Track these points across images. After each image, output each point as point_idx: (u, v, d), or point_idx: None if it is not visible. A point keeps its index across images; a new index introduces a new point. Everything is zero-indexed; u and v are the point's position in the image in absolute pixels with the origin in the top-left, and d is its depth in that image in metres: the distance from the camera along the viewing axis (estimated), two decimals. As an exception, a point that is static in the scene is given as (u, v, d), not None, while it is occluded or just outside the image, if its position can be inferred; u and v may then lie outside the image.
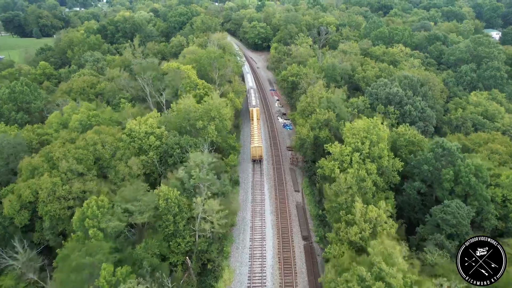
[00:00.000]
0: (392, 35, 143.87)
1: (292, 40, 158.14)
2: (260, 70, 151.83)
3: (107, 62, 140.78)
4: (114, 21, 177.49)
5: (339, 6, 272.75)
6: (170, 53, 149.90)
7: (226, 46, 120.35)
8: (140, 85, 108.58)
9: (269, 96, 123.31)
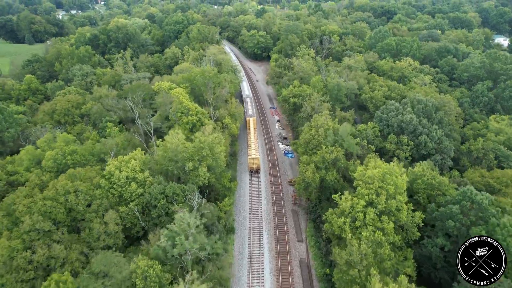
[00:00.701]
0: (399, 48, 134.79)
1: (293, 51, 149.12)
2: (259, 84, 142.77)
3: (97, 76, 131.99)
4: (106, 30, 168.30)
5: (341, 11, 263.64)
6: (164, 66, 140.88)
7: (223, 62, 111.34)
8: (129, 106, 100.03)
9: (269, 115, 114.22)
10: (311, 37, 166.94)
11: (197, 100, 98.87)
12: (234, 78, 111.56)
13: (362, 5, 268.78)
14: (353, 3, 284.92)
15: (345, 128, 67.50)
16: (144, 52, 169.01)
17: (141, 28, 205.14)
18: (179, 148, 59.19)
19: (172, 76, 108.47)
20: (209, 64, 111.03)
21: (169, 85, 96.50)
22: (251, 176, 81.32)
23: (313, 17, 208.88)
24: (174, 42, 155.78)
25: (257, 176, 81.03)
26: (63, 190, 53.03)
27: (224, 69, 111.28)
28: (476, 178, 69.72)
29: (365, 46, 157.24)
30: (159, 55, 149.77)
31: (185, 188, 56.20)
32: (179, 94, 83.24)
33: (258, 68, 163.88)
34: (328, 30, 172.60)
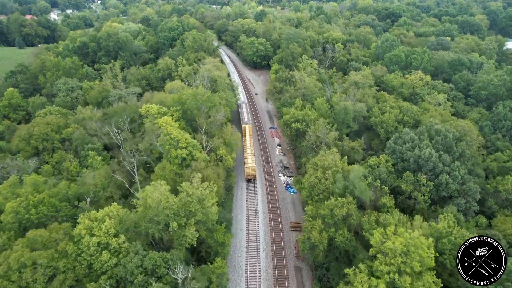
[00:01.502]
0: (409, 60, 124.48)
1: (294, 62, 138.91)
2: (258, 98, 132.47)
3: (84, 91, 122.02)
4: (96, 37, 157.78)
5: (344, 13, 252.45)
6: (156, 79, 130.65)
7: (219, 79, 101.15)
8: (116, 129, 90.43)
9: (268, 137, 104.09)
10: (314, 45, 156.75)
11: (189, 124, 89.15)
12: (231, 96, 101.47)
13: (365, 7, 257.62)
14: (356, 5, 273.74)
15: (357, 172, 57.70)
16: (137, 61, 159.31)
17: (135, 33, 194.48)
18: (162, 204, 49.34)
19: (162, 94, 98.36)
20: (203, 81, 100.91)
21: (158, 109, 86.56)
22: (248, 219, 71.40)
23: (315, 21, 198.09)
24: (168, 52, 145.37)
25: (255, 218, 71.10)
26: (17, 264, 43.35)
27: (220, 87, 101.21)
28: (509, 228, 60.12)
29: (371, 55, 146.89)
30: (151, 66, 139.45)
31: (168, 257, 46.47)
32: (167, 124, 73.18)
33: (257, 79, 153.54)
34: (332, 37, 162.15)
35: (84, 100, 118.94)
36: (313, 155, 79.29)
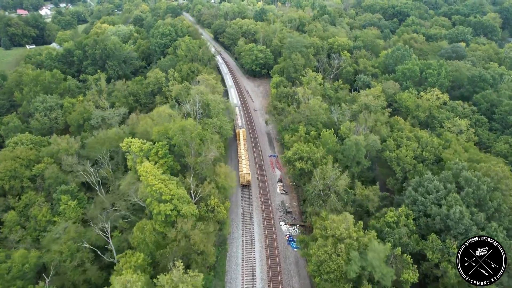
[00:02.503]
0: (424, 75, 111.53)
1: (297, 74, 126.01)
2: (257, 116, 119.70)
3: (64, 109, 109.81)
4: (82, 44, 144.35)
5: (348, 12, 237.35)
6: (145, 94, 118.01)
7: (212, 103, 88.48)
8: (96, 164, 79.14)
9: (268, 167, 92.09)
10: (318, 52, 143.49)
11: (177, 159, 77.18)
12: (226, 124, 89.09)
13: (371, 5, 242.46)
14: (361, 2, 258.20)
15: (378, 253, 46.01)
16: (127, 69, 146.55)
17: (126, 36, 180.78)
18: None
19: (148, 120, 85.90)
20: (194, 107, 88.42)
21: (140, 145, 74.41)
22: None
23: (319, 23, 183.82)
24: (159, 62, 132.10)
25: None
26: None
27: (214, 112, 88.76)
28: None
29: (380, 65, 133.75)
30: (140, 79, 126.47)
31: None
32: (148, 174, 61.21)
33: (257, 90, 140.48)
34: (337, 44, 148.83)
35: (64, 121, 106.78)
36: (320, 204, 67.59)
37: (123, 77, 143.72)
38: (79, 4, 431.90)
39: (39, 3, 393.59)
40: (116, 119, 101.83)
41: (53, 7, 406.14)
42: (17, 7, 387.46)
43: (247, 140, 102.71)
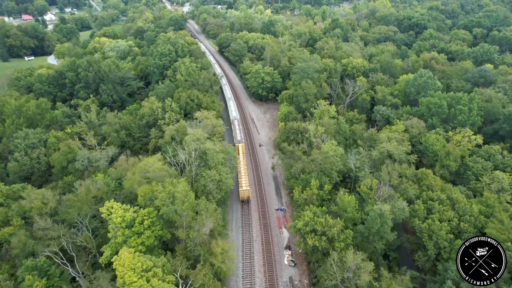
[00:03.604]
0: (454, 112, 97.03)
1: (308, 104, 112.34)
2: (262, 152, 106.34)
3: (48, 146, 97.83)
4: (75, 64, 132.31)
5: (361, 23, 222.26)
6: (139, 127, 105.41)
7: (209, 153, 75.28)
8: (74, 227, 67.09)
9: (274, 227, 78.72)
10: (330, 75, 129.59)
11: (168, 225, 64.34)
12: (226, 176, 75.83)
13: (385, 16, 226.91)
14: (374, 12, 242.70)
15: None
16: (123, 92, 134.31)
17: (125, 52, 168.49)
18: None
19: (136, 173, 73.09)
20: (189, 158, 75.41)
21: (122, 214, 61.73)
22: None
23: (330, 39, 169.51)
24: (156, 88, 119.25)
25: None
26: None
27: (212, 162, 75.67)
28: None
29: (400, 94, 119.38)
30: (135, 107, 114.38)
31: None
32: (125, 269, 48.48)
33: (262, 117, 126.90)
34: (351, 65, 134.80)
35: (47, 161, 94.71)
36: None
37: (119, 101, 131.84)
38: (84, 8, 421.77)
39: (44, 9, 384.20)
40: (104, 162, 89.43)
41: (58, 12, 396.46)
42: (22, 12, 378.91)
43: (250, 186, 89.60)
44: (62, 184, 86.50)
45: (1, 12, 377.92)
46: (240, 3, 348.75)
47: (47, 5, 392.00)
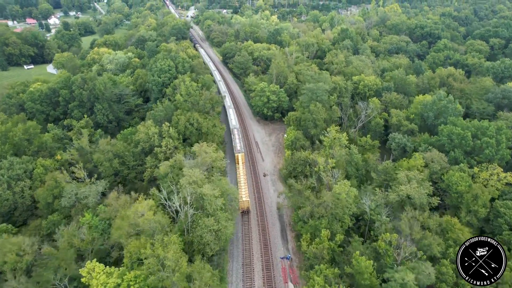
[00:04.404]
0: (479, 144, 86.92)
1: (317, 130, 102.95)
2: (267, 183, 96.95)
3: (34, 178, 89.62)
4: (69, 81, 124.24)
5: (371, 32, 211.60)
6: (133, 156, 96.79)
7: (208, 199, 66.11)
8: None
9: (279, 279, 69.55)
10: (341, 94, 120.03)
11: None
12: (225, 222, 66.81)
13: (396, 24, 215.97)
14: (385, 20, 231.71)
15: None
16: (120, 110, 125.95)
17: (124, 64, 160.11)
18: None
19: (124, 224, 64.34)
20: (184, 203, 66.53)
21: (105, 281, 53.00)
22: None
23: (340, 51, 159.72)
24: (153, 110, 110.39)
25: None
26: None
27: (210, 208, 66.75)
28: None
29: (416, 117, 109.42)
30: (131, 132, 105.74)
31: None
32: None
33: (267, 140, 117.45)
34: (363, 83, 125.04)
35: (31, 195, 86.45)
36: None
37: (114, 120, 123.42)
38: (89, 12, 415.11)
39: (49, 12, 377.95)
40: (93, 199, 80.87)
41: (62, 16, 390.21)
42: (26, 16, 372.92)
43: (253, 226, 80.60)
44: (46, 225, 78.32)
45: (5, 16, 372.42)
46: (246, 7, 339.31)
47: (51, 8, 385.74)
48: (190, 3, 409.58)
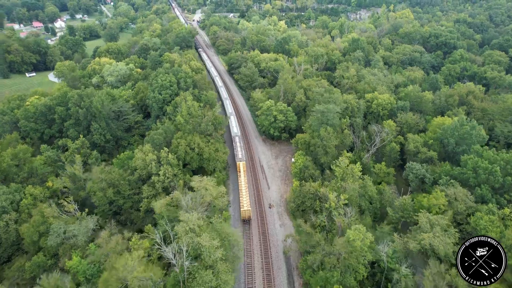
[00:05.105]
0: (509, 181, 77.62)
1: (327, 157, 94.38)
2: (273, 216, 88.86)
3: (22, 207, 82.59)
4: (65, 98, 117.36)
5: (382, 41, 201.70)
6: (129, 185, 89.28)
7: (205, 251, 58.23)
8: None
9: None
10: (353, 114, 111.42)
11: None
12: (226, 275, 58.92)
13: (409, 33, 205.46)
14: (397, 28, 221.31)
15: None
16: (118, 128, 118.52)
17: (125, 76, 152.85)
18: None
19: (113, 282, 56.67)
20: (180, 254, 58.70)
21: None
22: None
23: (351, 64, 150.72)
24: (152, 132, 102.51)
25: None
26: None
27: (208, 261, 58.88)
28: None
29: (435, 143, 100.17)
30: (129, 156, 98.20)
31: None
32: None
33: (274, 163, 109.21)
34: (376, 102, 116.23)
35: (16, 231, 79.33)
36: None
37: (112, 140, 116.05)
38: (95, 14, 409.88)
39: (55, 15, 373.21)
40: (82, 238, 73.48)
41: (69, 19, 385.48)
42: (33, 19, 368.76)
43: (257, 270, 72.57)
44: (29, 267, 71.20)
45: (12, 19, 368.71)
46: (253, 11, 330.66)
47: (58, 11, 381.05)
48: (197, 6, 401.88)
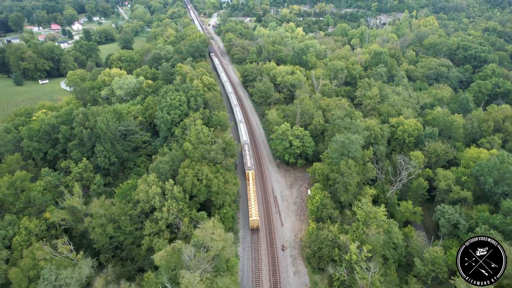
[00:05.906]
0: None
1: (348, 196, 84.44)
2: (286, 259, 79.66)
3: (15, 244, 76.08)
4: (70, 115, 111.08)
5: (406, 53, 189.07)
6: (132, 219, 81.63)
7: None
8: None
9: None
10: (376, 141, 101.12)
11: None
12: None
13: (435, 44, 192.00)
14: (421, 38, 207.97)
15: None
16: (124, 149, 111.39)
17: (134, 90, 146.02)
18: None
19: None
20: None
21: None
22: None
23: (373, 81, 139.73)
24: (158, 161, 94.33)
25: None
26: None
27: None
28: None
29: (469, 181, 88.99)
30: (131, 184, 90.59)
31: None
32: None
33: (288, 194, 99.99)
34: (401, 128, 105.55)
35: (5, 272, 72.68)
36: None
37: (117, 162, 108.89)
38: (112, 17, 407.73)
39: (73, 18, 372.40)
40: (75, 286, 66.09)
41: (86, 21, 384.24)
42: (51, 22, 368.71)
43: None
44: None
45: (32, 21, 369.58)
46: (270, 16, 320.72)
47: (75, 14, 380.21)
48: (213, 10, 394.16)
